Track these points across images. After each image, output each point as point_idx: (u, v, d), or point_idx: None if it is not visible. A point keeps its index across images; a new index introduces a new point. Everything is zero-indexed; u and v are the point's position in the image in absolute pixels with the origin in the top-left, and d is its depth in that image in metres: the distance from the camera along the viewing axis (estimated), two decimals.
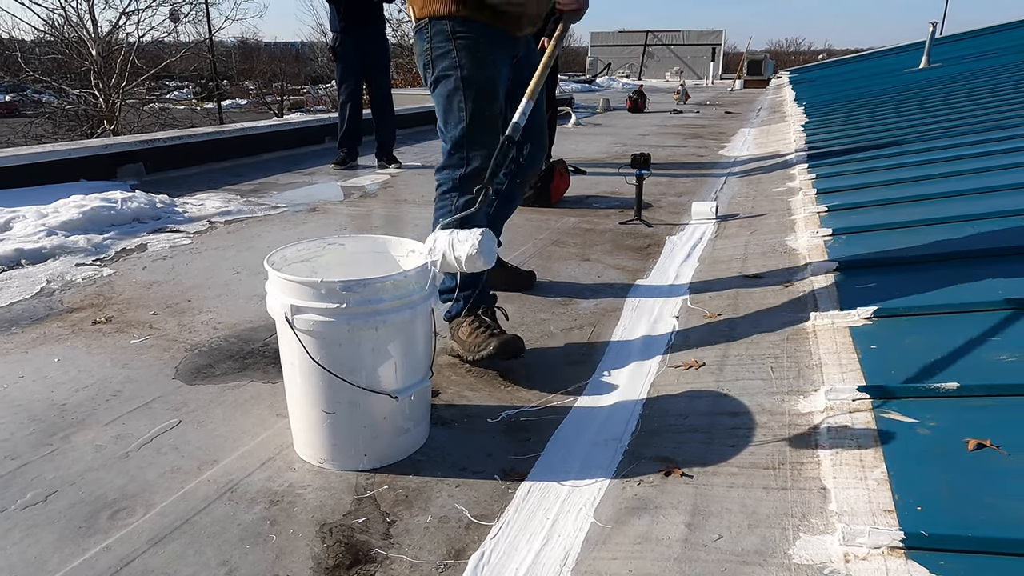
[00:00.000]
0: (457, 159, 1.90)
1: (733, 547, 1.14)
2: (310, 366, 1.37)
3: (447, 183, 1.93)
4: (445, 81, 1.86)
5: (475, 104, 1.84)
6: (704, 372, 1.80)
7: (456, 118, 1.86)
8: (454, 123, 1.87)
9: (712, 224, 3.44)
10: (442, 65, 1.85)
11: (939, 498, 1.12)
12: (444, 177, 1.95)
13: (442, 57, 1.84)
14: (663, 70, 26.66)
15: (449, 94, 1.85)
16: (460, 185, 1.90)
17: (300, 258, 1.57)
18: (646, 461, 1.43)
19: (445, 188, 1.94)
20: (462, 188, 1.90)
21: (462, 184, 1.90)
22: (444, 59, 1.84)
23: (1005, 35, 11.10)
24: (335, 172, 5.30)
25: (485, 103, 1.85)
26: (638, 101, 11.19)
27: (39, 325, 2.23)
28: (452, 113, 1.87)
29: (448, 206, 1.92)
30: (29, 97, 16.69)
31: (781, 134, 6.72)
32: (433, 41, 1.84)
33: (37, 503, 1.33)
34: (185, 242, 3.25)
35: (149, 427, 1.61)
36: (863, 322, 1.84)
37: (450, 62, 1.83)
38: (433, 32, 1.83)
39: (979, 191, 2.86)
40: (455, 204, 1.90)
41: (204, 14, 14.60)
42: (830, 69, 15.23)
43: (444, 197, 1.94)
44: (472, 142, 1.87)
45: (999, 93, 5.53)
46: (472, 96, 1.84)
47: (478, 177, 1.87)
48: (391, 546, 1.22)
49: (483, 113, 1.86)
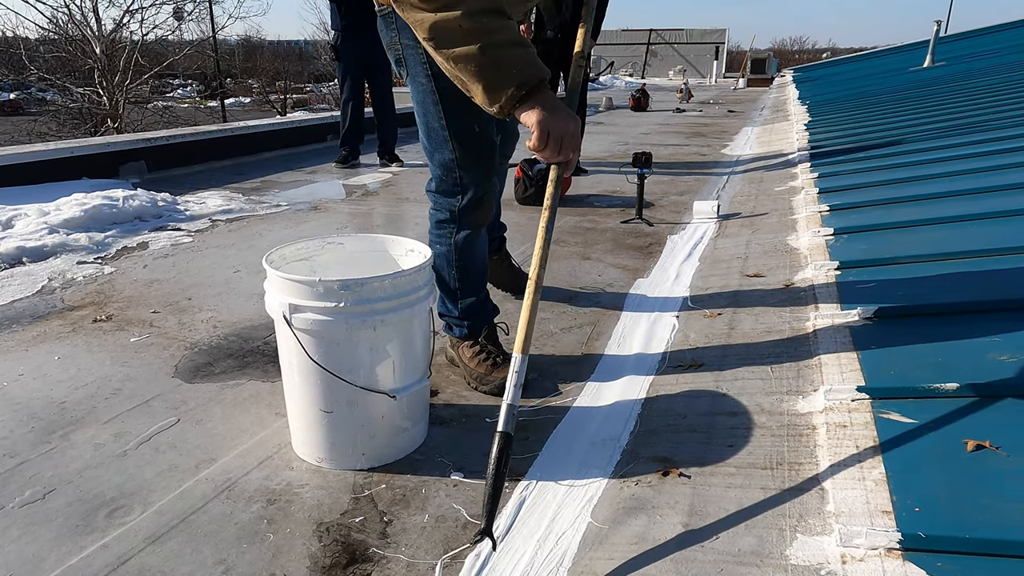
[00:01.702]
0: (450, 184, 1.67)
1: (730, 547, 1.13)
2: (308, 365, 1.37)
3: (443, 211, 1.72)
4: (421, 90, 1.59)
5: (459, 120, 1.58)
6: (703, 371, 1.79)
7: (440, 137, 1.61)
8: (438, 143, 1.62)
9: (713, 223, 3.44)
10: (415, 70, 1.58)
11: (937, 499, 1.11)
12: (439, 203, 1.72)
13: (412, 58, 1.57)
14: (666, 69, 26.60)
15: (427, 107, 1.60)
16: (459, 218, 1.69)
17: (299, 257, 1.57)
18: (644, 461, 1.43)
19: (441, 218, 1.73)
20: (461, 221, 1.70)
21: (461, 216, 1.69)
22: (413, 60, 1.56)
23: (1009, 34, 11.05)
24: (337, 170, 5.30)
25: (470, 117, 1.56)
26: (641, 100, 11.17)
27: (40, 323, 2.24)
28: (433, 130, 1.61)
29: (446, 239, 1.72)
30: (33, 95, 16.74)
31: (784, 133, 6.70)
32: (402, 35, 1.55)
33: (35, 501, 1.34)
34: (186, 240, 3.25)
35: (148, 425, 1.61)
36: (863, 322, 1.84)
37: (422, 67, 1.55)
38: (399, 24, 1.54)
39: (981, 190, 2.84)
40: (455, 239, 1.71)
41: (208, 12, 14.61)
42: (834, 68, 15.18)
43: (441, 227, 1.73)
44: (464, 167, 1.64)
45: (1003, 92, 5.51)
46: (452, 109, 1.56)
47: (479, 208, 1.69)
48: (388, 545, 1.22)
49: (471, 129, 1.59)
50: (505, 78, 1.23)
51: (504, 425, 1.20)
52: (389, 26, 1.59)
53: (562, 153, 1.29)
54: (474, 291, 1.81)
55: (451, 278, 1.78)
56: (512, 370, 1.24)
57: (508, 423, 1.21)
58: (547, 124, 1.25)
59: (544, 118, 1.24)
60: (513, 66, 1.23)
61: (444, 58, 1.24)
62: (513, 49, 1.24)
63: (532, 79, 1.24)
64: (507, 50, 1.23)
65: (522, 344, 1.25)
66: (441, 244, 1.75)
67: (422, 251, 1.54)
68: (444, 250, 1.75)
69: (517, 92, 1.23)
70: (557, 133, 1.26)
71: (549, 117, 1.25)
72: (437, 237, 1.76)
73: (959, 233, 2.37)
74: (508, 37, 1.23)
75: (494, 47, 1.21)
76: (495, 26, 1.22)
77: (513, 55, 1.23)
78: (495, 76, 1.22)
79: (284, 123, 6.56)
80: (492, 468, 1.16)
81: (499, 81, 1.23)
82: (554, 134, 1.26)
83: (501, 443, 1.18)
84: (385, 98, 5.39)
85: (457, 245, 1.73)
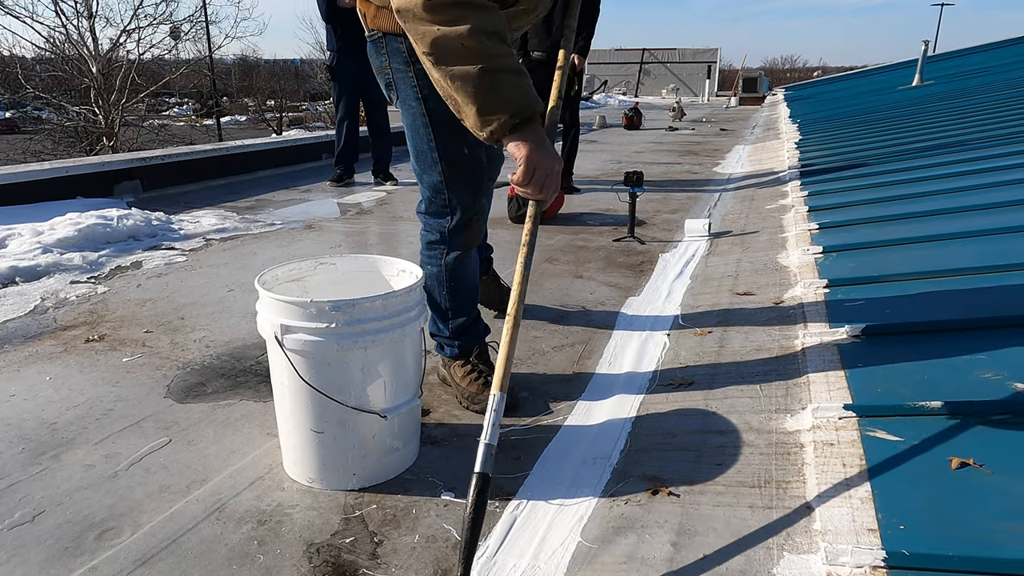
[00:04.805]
0: (439, 206, 1.70)
1: (717, 566, 1.14)
2: (299, 385, 1.38)
3: (433, 233, 1.74)
4: (408, 110, 1.62)
5: (447, 142, 1.61)
6: (693, 390, 1.81)
7: (428, 159, 1.64)
8: (428, 165, 1.65)
9: (705, 241, 3.47)
10: (403, 91, 1.61)
11: (922, 517, 1.12)
12: (429, 224, 1.75)
13: (402, 81, 1.60)
14: (659, 87, 26.86)
15: (416, 130, 1.62)
16: (449, 239, 1.72)
17: (291, 277, 1.58)
18: (634, 480, 1.44)
19: (431, 239, 1.75)
20: (451, 242, 1.72)
21: (451, 237, 1.72)
22: (404, 84, 1.59)
23: (997, 53, 11.23)
24: (332, 189, 5.33)
25: (458, 140, 1.59)
26: (634, 118, 11.27)
27: (32, 343, 2.24)
28: (423, 153, 1.64)
29: (436, 260, 1.75)
30: (29, 114, 16.77)
31: (775, 151, 6.77)
32: (392, 60, 1.59)
33: (25, 523, 1.33)
34: (180, 259, 3.26)
35: (139, 446, 1.61)
36: (851, 340, 1.86)
37: (412, 91, 1.58)
38: (390, 50, 1.58)
39: (969, 209, 2.88)
40: (445, 260, 1.74)
41: (204, 32, 14.73)
42: (825, 87, 15.37)
43: (432, 248, 1.76)
44: (453, 188, 1.66)
45: (990, 111, 5.59)
46: (441, 132, 1.59)
47: (468, 229, 1.71)
48: (378, 566, 1.22)
49: (459, 151, 1.62)
50: (500, 104, 1.24)
51: (481, 466, 1.14)
52: (379, 51, 1.61)
53: (543, 192, 1.30)
54: (465, 311, 1.82)
55: (442, 299, 1.80)
56: (490, 408, 1.19)
57: (485, 464, 1.14)
58: (535, 161, 1.27)
59: (533, 153, 1.27)
60: (510, 93, 1.24)
61: (442, 75, 1.24)
62: (512, 76, 1.25)
63: (527, 110, 1.25)
64: (506, 76, 1.24)
65: (500, 381, 1.21)
66: (432, 265, 1.77)
67: (414, 271, 1.55)
68: (435, 271, 1.77)
69: (510, 120, 1.24)
70: (543, 171, 1.28)
71: (538, 154, 1.27)
72: (428, 258, 1.78)
73: (947, 251, 2.41)
74: (508, 64, 1.25)
75: (493, 71, 1.22)
76: (498, 51, 1.23)
77: (512, 82, 1.25)
78: (490, 100, 1.23)
79: (279, 142, 6.60)
80: (470, 512, 1.11)
81: (494, 106, 1.23)
82: (539, 171, 1.28)
83: (479, 485, 1.12)
84: (380, 117, 5.44)
85: (448, 265, 1.75)
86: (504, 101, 1.24)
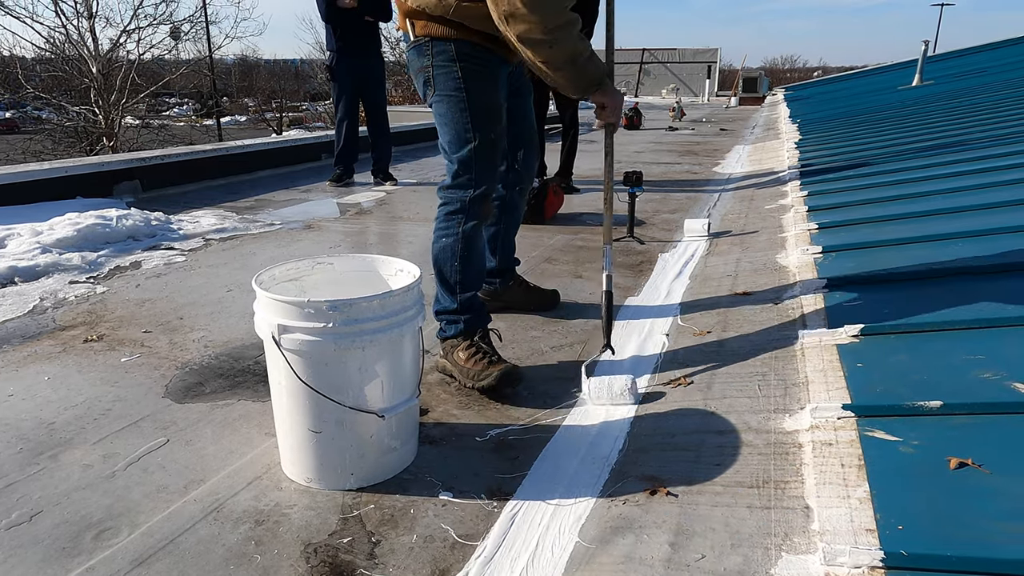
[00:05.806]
0: (465, 180, 1.91)
1: (715, 567, 1.14)
2: (297, 385, 1.38)
3: (454, 203, 1.94)
4: (449, 101, 1.87)
5: (483, 127, 1.87)
6: (692, 390, 1.81)
7: (463, 139, 1.88)
8: (462, 144, 1.88)
9: (704, 241, 3.47)
10: (446, 85, 1.86)
11: (920, 517, 1.12)
12: (450, 196, 1.95)
13: (445, 77, 1.85)
14: (659, 87, 26.86)
15: (455, 115, 1.87)
16: (469, 207, 1.92)
17: (289, 277, 1.58)
18: (632, 480, 1.44)
19: (452, 208, 1.94)
20: (470, 211, 1.92)
21: (471, 206, 1.92)
22: (447, 79, 1.85)
23: (995, 53, 11.22)
24: (331, 189, 5.33)
25: (492, 126, 1.89)
26: (634, 118, 11.27)
27: (31, 343, 2.24)
28: (459, 135, 1.88)
29: (454, 228, 1.93)
30: (29, 114, 16.79)
31: (775, 151, 6.77)
32: (435, 59, 1.85)
33: (22, 523, 1.33)
34: (179, 259, 3.26)
35: (137, 446, 1.61)
36: (850, 340, 1.85)
37: (455, 83, 1.85)
38: (435, 51, 1.84)
39: (968, 208, 2.88)
40: (462, 227, 1.92)
41: (204, 32, 14.74)
42: (825, 87, 15.37)
43: (450, 218, 1.94)
44: (481, 165, 1.89)
45: (989, 111, 5.59)
46: (479, 119, 1.86)
47: (485, 201, 1.94)
48: (376, 566, 1.22)
49: (490, 136, 1.89)
50: (589, 82, 1.82)
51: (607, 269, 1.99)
52: (423, 54, 1.87)
53: (617, 115, 1.93)
54: (473, 286, 1.96)
55: (453, 271, 1.94)
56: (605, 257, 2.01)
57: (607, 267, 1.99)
58: (612, 102, 1.88)
59: (609, 98, 1.87)
60: (592, 70, 1.80)
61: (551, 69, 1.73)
62: (591, 61, 1.78)
63: (600, 77, 1.83)
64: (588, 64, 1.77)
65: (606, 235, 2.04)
66: (448, 236, 1.93)
67: (411, 271, 1.55)
68: (451, 241, 1.93)
69: (593, 87, 1.83)
70: (616, 104, 1.90)
71: (612, 98, 1.87)
72: (445, 229, 1.94)
73: (946, 251, 2.40)
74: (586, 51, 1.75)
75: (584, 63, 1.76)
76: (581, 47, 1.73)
77: (591, 64, 1.78)
78: (583, 80, 1.80)
79: (279, 142, 6.60)
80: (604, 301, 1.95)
81: (585, 83, 1.81)
82: (616, 106, 1.90)
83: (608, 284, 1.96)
84: (380, 117, 5.43)
85: (465, 233, 1.92)
86: (592, 79, 1.81)
